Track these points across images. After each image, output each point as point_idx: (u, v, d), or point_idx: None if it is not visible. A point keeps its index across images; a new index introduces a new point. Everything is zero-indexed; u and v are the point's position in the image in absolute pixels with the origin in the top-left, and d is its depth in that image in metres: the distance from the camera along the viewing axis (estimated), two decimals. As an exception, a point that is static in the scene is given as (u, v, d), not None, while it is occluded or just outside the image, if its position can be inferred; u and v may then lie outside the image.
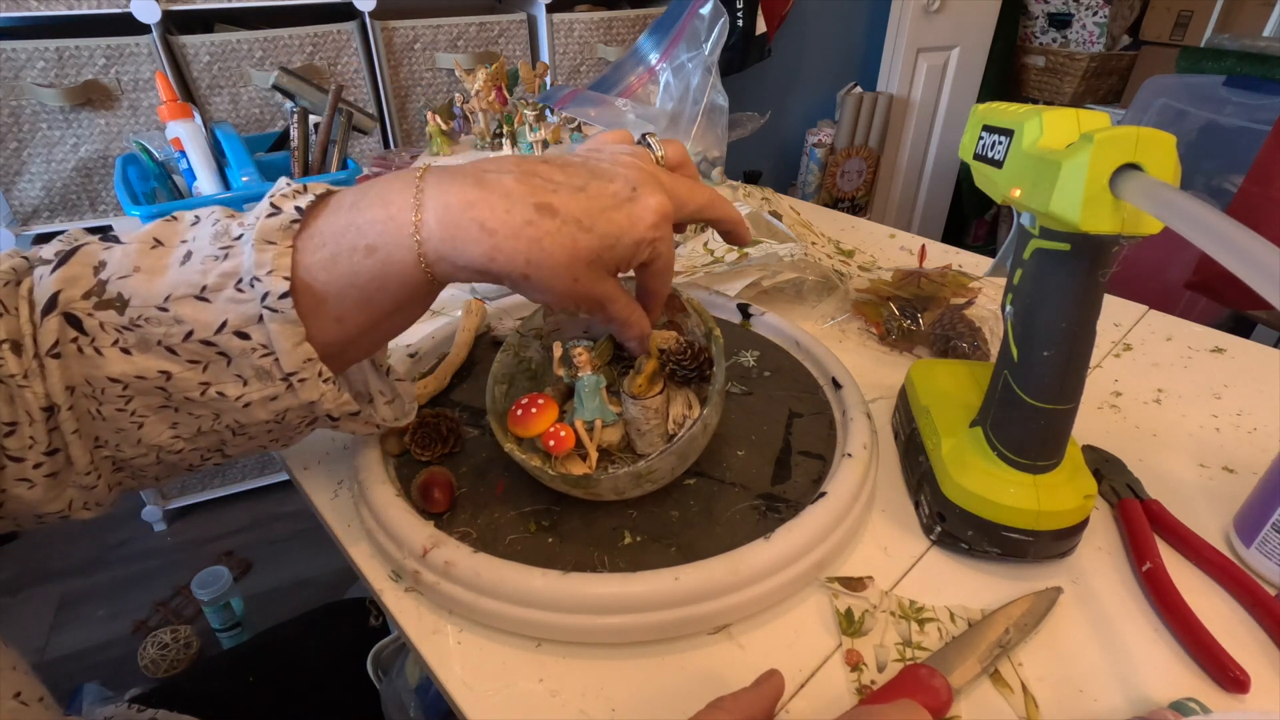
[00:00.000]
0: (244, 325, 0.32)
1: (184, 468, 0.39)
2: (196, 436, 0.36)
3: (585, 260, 0.34)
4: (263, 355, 0.33)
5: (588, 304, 0.36)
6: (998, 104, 0.37)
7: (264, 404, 0.35)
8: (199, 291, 0.32)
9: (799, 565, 0.38)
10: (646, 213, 0.34)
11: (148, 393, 0.33)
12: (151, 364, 0.33)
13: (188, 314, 0.32)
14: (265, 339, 0.33)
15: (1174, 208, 0.25)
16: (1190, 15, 2.16)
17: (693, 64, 0.80)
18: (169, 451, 0.36)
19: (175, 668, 1.25)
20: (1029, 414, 0.36)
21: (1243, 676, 0.33)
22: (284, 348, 0.33)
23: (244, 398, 0.34)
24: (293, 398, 0.35)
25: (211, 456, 0.39)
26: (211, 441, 0.37)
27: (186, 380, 0.33)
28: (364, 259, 0.33)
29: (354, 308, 0.34)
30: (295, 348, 0.33)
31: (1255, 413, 0.54)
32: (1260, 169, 1.28)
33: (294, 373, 0.34)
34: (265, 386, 0.34)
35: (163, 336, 0.32)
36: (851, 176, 2.25)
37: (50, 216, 1.25)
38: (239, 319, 0.32)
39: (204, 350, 0.33)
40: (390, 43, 1.35)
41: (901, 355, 0.62)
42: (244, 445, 0.39)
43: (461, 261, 0.33)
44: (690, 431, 0.40)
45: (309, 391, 0.35)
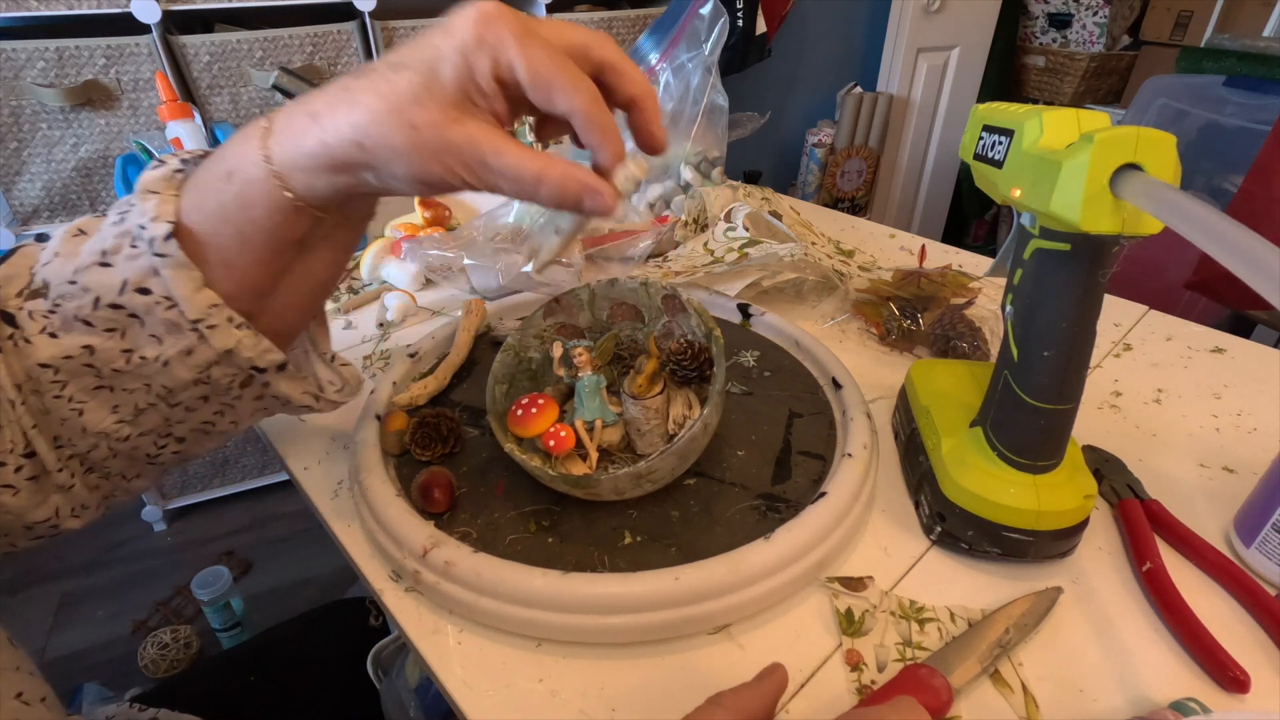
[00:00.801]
0: (143, 280, 0.32)
1: (144, 459, 0.38)
2: (138, 416, 0.35)
3: (409, 97, 0.29)
4: (167, 308, 0.32)
5: (456, 160, 0.30)
6: (998, 104, 0.37)
7: (181, 360, 0.34)
8: (100, 258, 0.32)
9: (799, 565, 0.38)
10: (463, 19, 0.29)
11: (78, 373, 0.33)
12: (74, 341, 0.33)
13: (93, 281, 0.32)
14: (165, 290, 0.32)
15: (1174, 208, 0.25)
16: (1190, 15, 2.16)
17: (693, 64, 0.80)
18: (118, 439, 0.35)
19: (175, 668, 1.25)
20: (1029, 414, 0.36)
21: (1243, 676, 0.33)
22: (183, 294, 0.32)
23: (161, 356, 0.33)
24: (207, 348, 0.33)
25: (166, 443, 0.38)
26: (155, 421, 0.36)
27: (109, 350, 0.33)
28: (225, 186, 0.32)
29: (233, 246, 0.33)
30: (195, 294, 0.32)
31: (1255, 413, 0.54)
32: (1260, 169, 1.28)
33: (200, 319, 0.33)
34: (178, 340, 0.33)
35: (77, 310, 0.32)
36: (851, 176, 2.25)
37: (50, 216, 1.25)
38: (137, 275, 0.32)
39: (115, 315, 0.32)
40: (390, 43, 1.35)
41: (901, 355, 0.62)
42: (190, 421, 0.37)
43: (302, 159, 0.31)
44: (690, 432, 0.40)
45: (221, 338, 0.33)
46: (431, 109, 0.29)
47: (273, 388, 0.38)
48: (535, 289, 0.68)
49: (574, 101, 0.30)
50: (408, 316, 0.69)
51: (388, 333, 0.67)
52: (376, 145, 0.29)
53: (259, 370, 0.36)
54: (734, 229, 0.70)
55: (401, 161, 0.30)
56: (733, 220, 0.71)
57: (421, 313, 0.70)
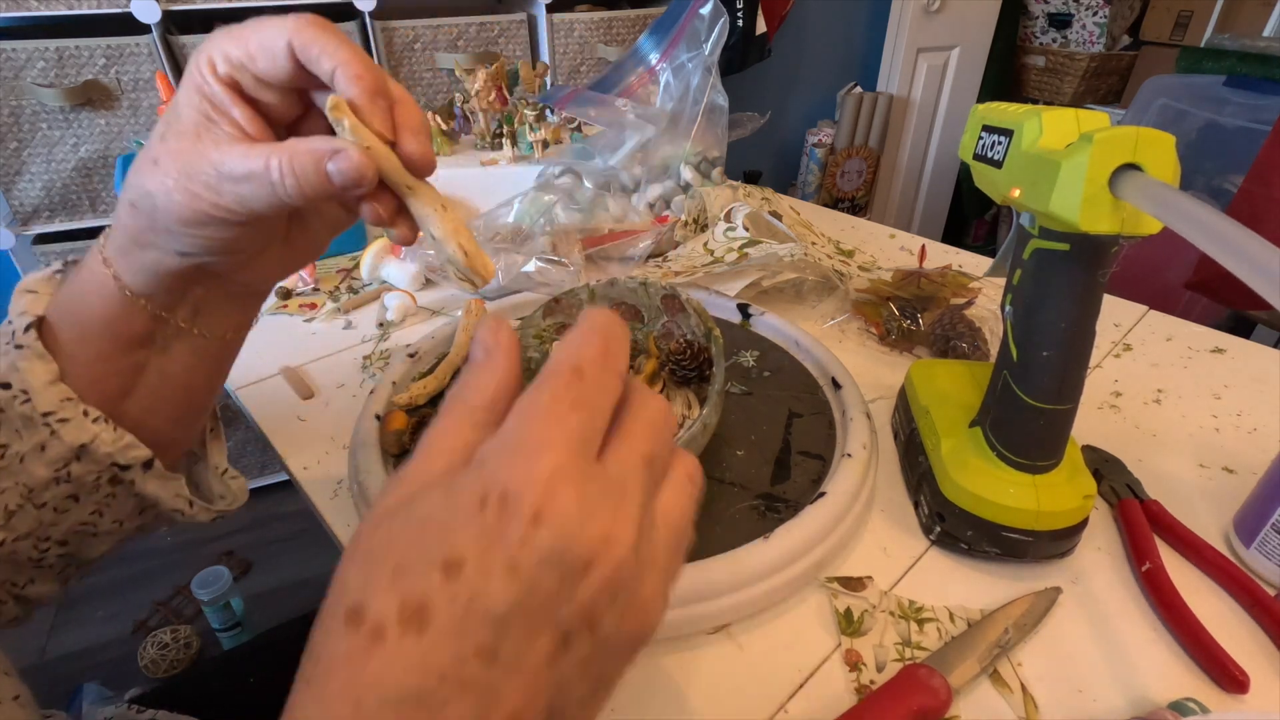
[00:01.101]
0: (6, 375, 0.31)
1: (27, 563, 0.35)
2: (10, 520, 0.33)
3: (156, 140, 0.29)
4: (23, 402, 0.31)
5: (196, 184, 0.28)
6: (997, 104, 0.37)
7: (36, 455, 0.32)
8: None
9: (798, 565, 0.38)
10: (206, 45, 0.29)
11: None
12: None
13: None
14: (23, 384, 0.31)
15: (1173, 208, 0.25)
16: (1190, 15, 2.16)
17: (693, 64, 0.80)
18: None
19: (175, 668, 1.25)
20: (1029, 414, 0.36)
21: (1242, 677, 0.33)
22: (35, 385, 0.31)
23: (18, 452, 0.32)
24: (59, 443, 0.32)
25: (46, 546, 0.35)
26: (26, 523, 0.34)
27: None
28: (74, 279, 0.32)
29: (75, 339, 0.32)
30: (48, 386, 0.31)
31: (1255, 413, 0.54)
32: (1260, 169, 1.28)
33: (51, 412, 0.31)
34: (33, 435, 0.32)
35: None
36: (851, 176, 2.25)
37: (50, 216, 1.25)
38: (3, 370, 0.31)
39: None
40: (390, 43, 1.35)
41: (901, 355, 0.62)
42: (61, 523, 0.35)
43: (121, 240, 0.31)
44: (690, 431, 0.40)
45: (74, 433, 0.32)
46: (170, 141, 0.29)
47: (138, 486, 0.35)
48: (535, 289, 0.68)
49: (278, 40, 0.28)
50: (407, 316, 0.69)
51: (387, 333, 0.67)
52: (139, 198, 0.29)
53: (122, 467, 0.34)
54: (734, 229, 0.70)
55: (161, 211, 0.29)
56: (733, 220, 0.71)
57: (421, 313, 0.70)
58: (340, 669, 0.18)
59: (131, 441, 0.34)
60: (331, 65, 0.28)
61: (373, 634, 0.18)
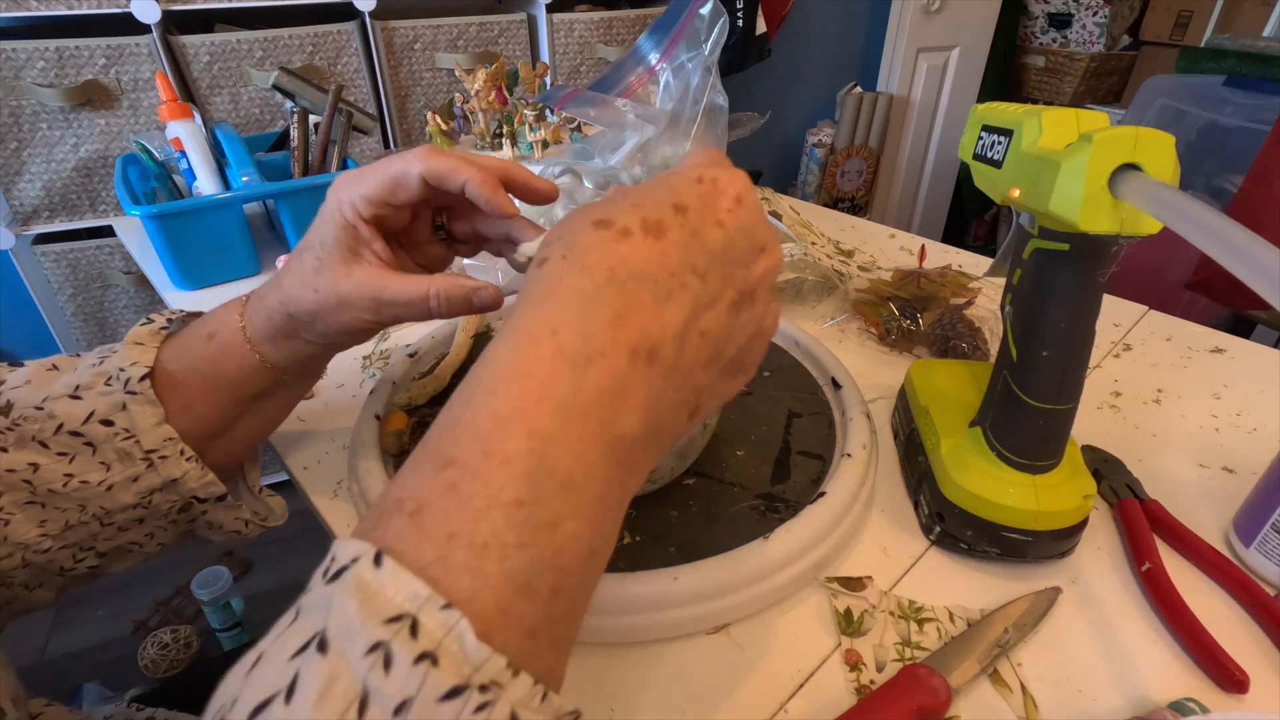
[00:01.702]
0: (109, 413, 0.37)
1: (54, 571, 0.39)
2: (64, 532, 0.38)
3: (311, 270, 0.36)
4: (124, 439, 0.37)
5: (356, 306, 0.36)
6: (997, 104, 0.37)
7: (126, 485, 0.37)
8: (73, 391, 0.37)
9: (798, 565, 0.38)
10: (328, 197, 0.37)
11: (15, 487, 0.36)
12: (22, 457, 0.36)
13: (60, 410, 0.36)
14: (128, 423, 0.37)
15: (1173, 208, 0.25)
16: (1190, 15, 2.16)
17: (693, 64, 0.80)
18: (36, 550, 0.37)
19: (175, 668, 1.25)
20: (1028, 414, 0.36)
21: (1242, 677, 0.33)
22: (144, 427, 0.37)
23: (106, 481, 0.37)
24: (154, 476, 0.38)
25: (84, 557, 0.40)
26: (81, 536, 0.38)
27: (52, 472, 0.36)
28: (205, 344, 0.38)
29: (199, 394, 0.38)
30: (155, 427, 0.37)
31: (1255, 413, 0.54)
32: (1260, 169, 1.28)
33: (154, 450, 0.37)
34: (127, 468, 0.37)
35: (37, 432, 0.36)
36: (851, 176, 2.25)
37: (50, 216, 1.25)
38: (105, 408, 0.37)
39: (72, 441, 0.37)
40: (390, 43, 1.35)
41: (901, 355, 0.62)
42: (116, 539, 0.40)
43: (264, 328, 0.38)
44: (689, 432, 0.40)
45: (171, 468, 0.38)
46: (325, 274, 0.36)
47: (209, 516, 0.42)
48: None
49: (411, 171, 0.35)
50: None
51: (387, 333, 0.67)
52: (298, 312, 0.36)
53: (199, 500, 0.40)
54: (734, 229, 0.70)
55: (319, 320, 0.37)
56: (732, 220, 0.71)
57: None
58: (595, 249, 0.23)
59: (213, 479, 0.40)
60: (460, 181, 0.35)
61: (621, 232, 0.24)
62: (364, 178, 0.36)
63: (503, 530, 0.19)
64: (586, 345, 0.22)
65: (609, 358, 0.22)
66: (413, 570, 0.18)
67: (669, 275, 0.23)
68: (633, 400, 0.22)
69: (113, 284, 1.34)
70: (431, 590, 0.18)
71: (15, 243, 1.23)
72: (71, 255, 1.28)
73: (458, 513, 0.19)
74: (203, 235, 0.77)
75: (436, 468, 0.21)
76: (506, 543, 0.19)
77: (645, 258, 0.23)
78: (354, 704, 0.16)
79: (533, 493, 0.20)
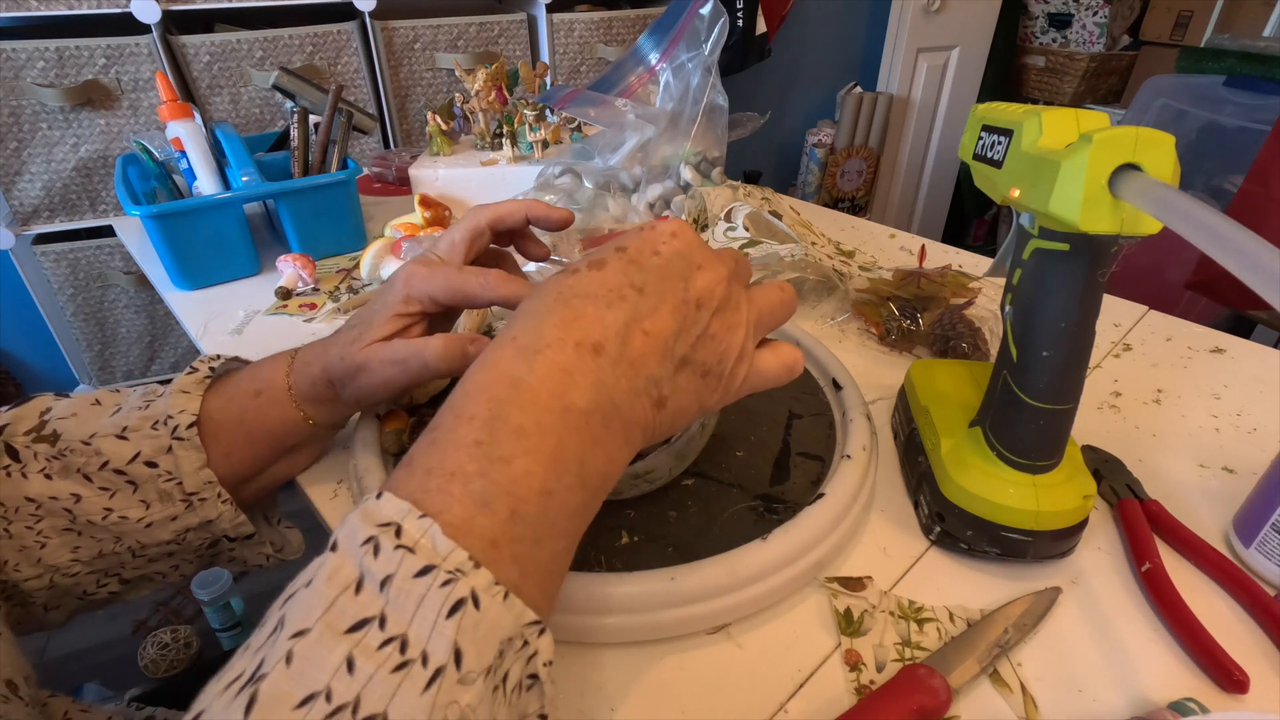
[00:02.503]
0: (154, 456, 0.39)
1: (76, 594, 0.41)
2: (95, 559, 0.40)
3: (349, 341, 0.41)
4: (166, 480, 0.39)
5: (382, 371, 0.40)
6: (997, 104, 0.37)
7: (165, 524, 0.40)
8: (120, 432, 0.39)
9: (797, 566, 0.38)
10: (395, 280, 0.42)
11: (56, 514, 0.38)
12: (66, 487, 0.38)
13: (106, 448, 0.38)
14: (172, 466, 0.39)
15: (1173, 208, 0.25)
16: (1190, 15, 2.16)
17: (693, 64, 0.80)
18: (65, 574, 0.39)
19: (175, 668, 1.25)
20: (1028, 414, 0.36)
21: (1242, 677, 0.33)
22: (187, 470, 0.39)
23: (146, 519, 0.39)
24: (192, 516, 0.40)
25: (108, 583, 0.42)
26: (110, 564, 0.41)
27: (93, 504, 0.38)
28: (251, 400, 0.41)
29: (241, 444, 0.41)
30: (198, 471, 0.39)
31: (1255, 413, 0.54)
32: (1260, 169, 1.28)
33: (195, 493, 0.40)
34: (166, 507, 0.40)
35: (82, 465, 0.38)
36: (851, 176, 2.25)
37: (50, 216, 1.25)
38: (150, 450, 0.39)
39: (115, 478, 0.39)
40: (390, 43, 1.36)
41: (901, 355, 0.61)
42: (143, 569, 0.42)
43: (308, 390, 0.41)
44: (688, 432, 0.40)
45: (208, 510, 0.40)
46: (359, 344, 0.40)
47: (236, 552, 0.45)
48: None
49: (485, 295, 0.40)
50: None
51: (387, 333, 0.67)
52: (335, 377, 0.41)
53: (229, 539, 0.43)
54: (734, 229, 0.70)
55: (349, 383, 0.41)
56: (733, 220, 0.71)
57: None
58: (550, 283, 0.30)
59: (244, 520, 0.42)
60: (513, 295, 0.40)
61: (570, 270, 0.30)
62: (436, 277, 0.40)
63: (465, 463, 0.25)
64: (537, 340, 0.28)
65: (555, 349, 0.27)
66: (400, 496, 0.24)
67: (608, 291, 0.29)
68: (580, 380, 0.27)
69: (113, 284, 1.34)
70: (412, 506, 0.24)
71: (15, 243, 1.23)
72: (71, 255, 1.28)
73: (434, 455, 0.26)
74: (203, 235, 0.77)
75: (426, 435, 0.27)
76: (469, 472, 0.25)
77: (588, 281, 0.29)
78: (353, 582, 0.22)
79: (489, 436, 0.25)
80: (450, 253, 0.43)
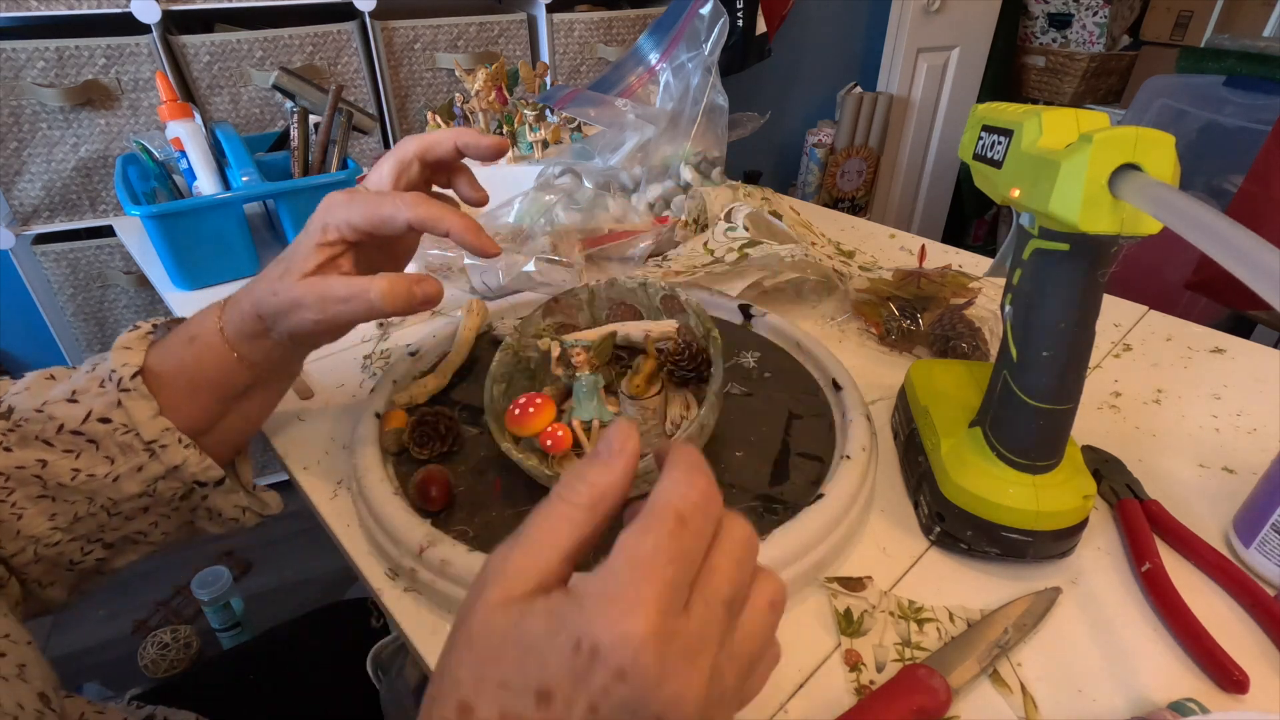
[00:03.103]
0: (106, 412, 0.39)
1: (64, 565, 0.41)
2: (72, 524, 0.40)
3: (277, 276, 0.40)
4: (124, 433, 0.40)
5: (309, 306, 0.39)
6: (997, 104, 0.37)
7: (131, 475, 0.40)
8: (69, 396, 0.40)
9: (796, 566, 0.38)
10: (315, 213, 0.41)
11: (27, 482, 0.38)
12: (30, 455, 0.38)
13: (58, 412, 0.39)
14: (125, 419, 0.40)
15: (1173, 208, 0.25)
16: (1190, 15, 2.16)
17: (693, 64, 0.80)
18: (46, 544, 0.40)
19: (175, 668, 1.25)
20: (1028, 414, 0.36)
21: (1242, 677, 0.33)
22: (141, 419, 0.40)
23: (112, 473, 0.40)
24: (157, 464, 0.40)
25: (92, 549, 0.42)
26: (89, 528, 0.41)
27: (60, 467, 0.39)
28: (187, 347, 0.42)
29: (185, 393, 0.41)
30: (152, 419, 0.40)
31: (1255, 413, 0.54)
32: (1260, 169, 1.28)
33: (154, 440, 0.40)
34: (130, 459, 0.40)
35: (39, 432, 0.39)
36: (851, 176, 2.25)
37: (50, 216, 1.25)
38: (101, 408, 0.39)
39: (74, 440, 0.39)
40: (390, 43, 1.35)
41: (901, 355, 0.61)
42: (122, 529, 0.42)
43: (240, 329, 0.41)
44: (686, 433, 0.40)
45: (171, 455, 0.40)
46: (289, 278, 0.40)
47: (210, 500, 0.44)
48: (535, 289, 0.68)
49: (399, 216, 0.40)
50: (407, 316, 0.69)
51: (387, 332, 0.67)
52: (265, 312, 0.40)
53: (200, 484, 0.43)
54: (734, 229, 0.70)
55: (280, 320, 0.40)
56: (733, 220, 0.71)
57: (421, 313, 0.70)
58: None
59: (211, 464, 0.42)
60: (444, 229, 0.40)
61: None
62: (353, 204, 0.40)
63: None
64: None
65: None
66: None
67: None
68: None
69: (113, 284, 1.34)
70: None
71: (15, 243, 1.23)
72: (71, 255, 1.28)
73: None
74: (203, 235, 0.77)
75: None
76: None
77: None
78: None
79: None
80: (377, 185, 0.43)
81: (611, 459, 0.25)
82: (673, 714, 0.21)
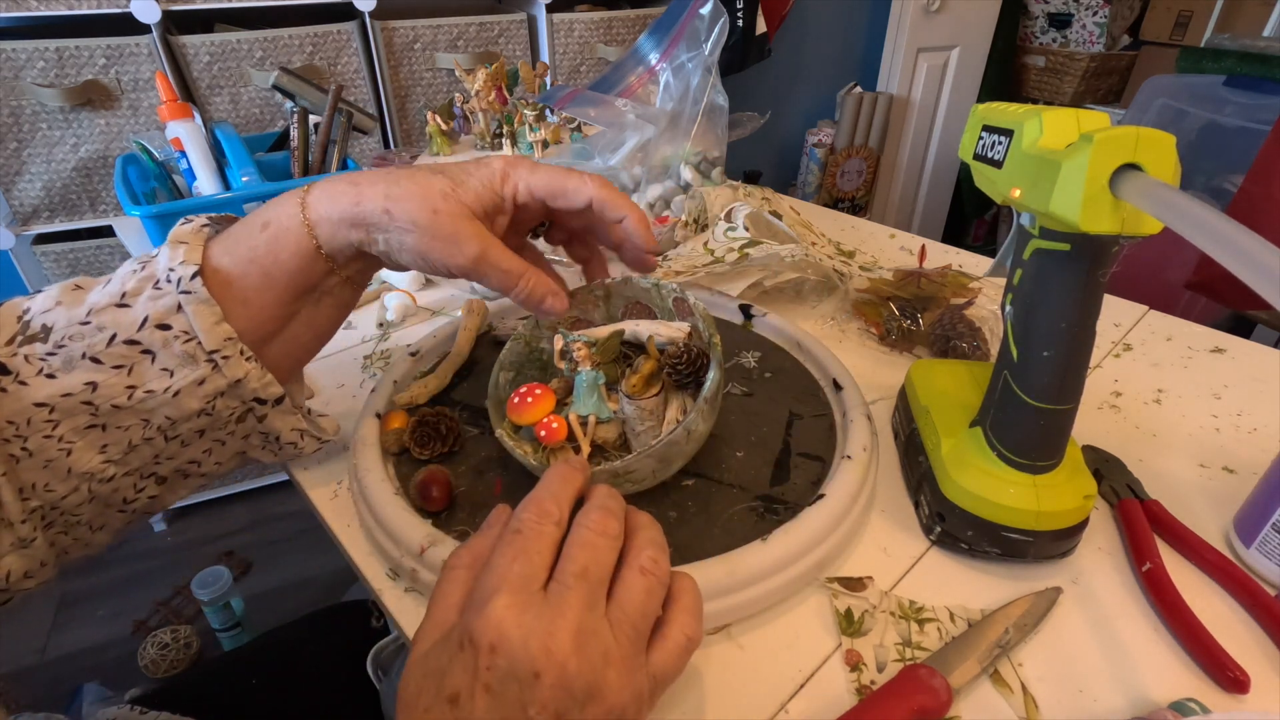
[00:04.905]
0: (164, 317, 0.35)
1: (117, 505, 0.39)
2: (128, 454, 0.37)
3: (439, 192, 0.37)
4: (185, 341, 0.36)
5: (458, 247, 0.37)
6: (998, 104, 0.37)
7: (192, 390, 0.36)
8: (119, 299, 0.36)
9: (797, 567, 0.38)
10: (496, 160, 0.40)
11: (74, 412, 0.35)
12: (77, 379, 0.35)
13: (109, 320, 0.35)
14: (186, 325, 0.36)
15: (1173, 208, 0.25)
16: (1190, 15, 2.16)
17: (693, 64, 0.80)
18: (101, 479, 0.37)
19: (175, 668, 1.25)
20: (1029, 414, 0.36)
21: (1242, 677, 0.33)
22: (203, 326, 0.36)
23: (172, 387, 0.36)
24: (220, 377, 0.37)
25: (145, 485, 0.39)
26: (144, 458, 0.38)
27: (112, 387, 0.35)
28: (259, 234, 0.37)
29: (256, 285, 0.37)
30: (215, 326, 0.36)
31: (1255, 413, 0.54)
32: (1260, 169, 1.28)
33: (217, 350, 0.36)
34: (192, 370, 0.36)
35: (86, 349, 0.35)
36: (851, 176, 2.25)
37: (50, 216, 1.25)
38: (159, 312, 0.35)
39: (129, 351, 0.35)
40: (390, 43, 1.36)
41: (901, 355, 0.61)
42: (177, 460, 0.39)
43: (334, 213, 0.37)
44: (671, 436, 0.40)
45: (234, 369, 0.37)
46: (454, 204, 0.37)
47: (268, 421, 0.41)
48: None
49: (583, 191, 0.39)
50: (407, 316, 0.69)
51: (388, 333, 0.67)
52: (400, 214, 0.36)
53: (260, 402, 0.39)
54: (734, 229, 0.70)
55: (414, 234, 0.36)
56: (733, 220, 0.71)
57: (421, 313, 0.70)
58: None
59: (271, 380, 0.39)
60: (620, 216, 0.40)
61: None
62: (538, 170, 0.39)
63: None
64: None
65: None
66: None
67: None
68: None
69: (113, 284, 1.34)
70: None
71: (15, 243, 1.23)
72: (71, 255, 1.28)
73: None
74: (203, 235, 0.77)
75: None
76: None
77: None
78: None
79: None
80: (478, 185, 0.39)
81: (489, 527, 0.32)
82: (545, 664, 0.25)
